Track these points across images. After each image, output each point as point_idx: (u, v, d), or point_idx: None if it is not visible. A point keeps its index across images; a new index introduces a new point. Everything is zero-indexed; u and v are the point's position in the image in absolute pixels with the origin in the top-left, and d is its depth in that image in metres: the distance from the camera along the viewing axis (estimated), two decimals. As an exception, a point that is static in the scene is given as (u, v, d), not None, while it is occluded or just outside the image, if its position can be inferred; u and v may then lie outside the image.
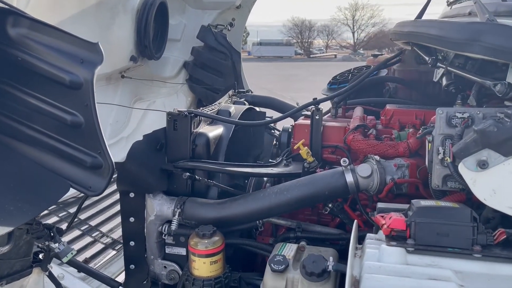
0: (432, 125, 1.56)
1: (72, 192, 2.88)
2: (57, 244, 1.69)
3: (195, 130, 2.22)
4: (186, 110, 2.18)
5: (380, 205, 1.59)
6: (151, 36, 3.33)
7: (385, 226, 1.25)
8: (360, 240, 2.15)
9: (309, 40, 57.15)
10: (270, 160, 2.94)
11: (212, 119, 2.44)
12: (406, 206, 1.59)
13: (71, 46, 1.69)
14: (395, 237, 1.21)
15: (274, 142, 3.21)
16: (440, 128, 1.39)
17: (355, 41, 57.71)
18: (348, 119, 2.54)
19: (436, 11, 2.92)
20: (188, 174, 2.08)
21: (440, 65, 1.76)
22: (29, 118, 1.74)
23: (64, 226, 2.06)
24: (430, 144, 1.47)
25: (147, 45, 3.34)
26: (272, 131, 3.21)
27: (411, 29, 1.99)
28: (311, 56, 51.64)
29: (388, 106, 2.38)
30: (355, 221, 1.40)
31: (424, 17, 2.42)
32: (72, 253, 1.70)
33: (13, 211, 1.54)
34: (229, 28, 4.08)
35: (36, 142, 1.75)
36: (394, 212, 1.31)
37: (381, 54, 3.60)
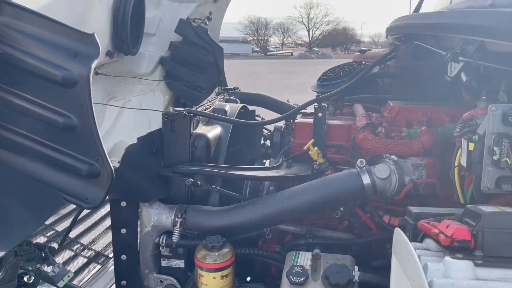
0: (471, 123, 1.46)
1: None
2: (50, 267, 1.46)
3: (194, 131, 2.03)
4: (184, 109, 1.99)
5: (414, 209, 1.48)
6: (128, 29, 3.07)
7: (443, 236, 1.13)
8: (375, 243, 2.07)
9: (265, 38, 57.35)
10: (263, 161, 2.79)
11: (208, 119, 2.26)
12: (442, 209, 1.49)
13: (62, 38, 1.46)
14: (458, 248, 1.10)
15: (263, 141, 3.07)
16: (494, 126, 1.29)
17: (310, 39, 58.48)
18: (349, 117, 2.43)
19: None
20: (191, 180, 1.90)
21: (462, 59, 1.67)
22: (14, 122, 1.50)
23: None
24: (472, 144, 1.37)
25: (124, 39, 3.07)
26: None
27: (435, 20, 1.89)
28: (268, 53, 51.76)
29: (391, 103, 2.29)
30: (397, 229, 1.27)
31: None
32: (69, 276, 1.48)
33: (0, 232, 1.31)
34: (207, 23, 3.87)
35: (22, 149, 1.50)
36: (448, 220, 1.20)
37: (369, 50, 3.53)
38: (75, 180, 1.52)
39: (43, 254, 1.49)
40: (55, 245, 1.66)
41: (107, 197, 1.95)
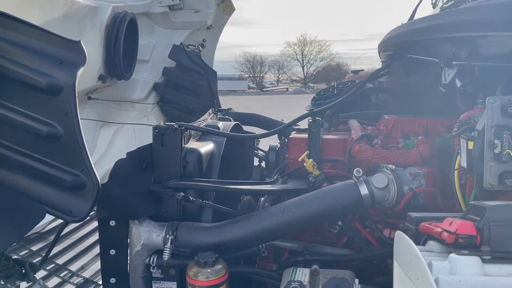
0: (468, 121, 1.42)
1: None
2: (31, 284, 1.36)
3: (185, 146, 1.98)
4: (175, 123, 1.95)
5: (414, 214, 1.41)
6: (121, 53, 3.07)
7: (446, 234, 1.06)
8: (375, 258, 1.98)
9: (261, 75, 58.24)
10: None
11: (201, 135, 2.21)
12: (444, 214, 1.42)
13: (47, 45, 1.44)
14: (463, 245, 1.02)
15: (258, 163, 3.01)
16: (494, 119, 1.24)
17: (305, 74, 59.41)
18: (344, 132, 2.38)
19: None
20: (182, 194, 1.82)
21: (456, 63, 1.64)
22: None
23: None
24: (471, 142, 1.32)
25: (117, 64, 3.08)
26: (256, 151, 3.01)
27: (426, 23, 1.88)
28: (264, 89, 52.43)
29: (386, 116, 2.25)
30: (398, 232, 1.19)
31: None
32: (50, 294, 1.38)
33: None
34: (200, 49, 3.90)
35: (3, 160, 1.45)
36: (451, 218, 1.13)
37: (362, 70, 3.54)
38: (59, 192, 1.46)
39: (23, 271, 1.40)
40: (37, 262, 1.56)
41: (93, 212, 1.88)
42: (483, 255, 0.99)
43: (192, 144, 2.05)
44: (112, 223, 1.92)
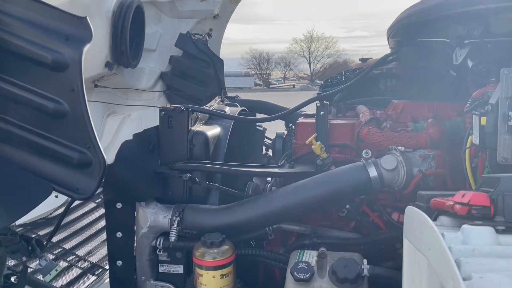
0: (481, 97, 1.39)
1: (41, 212, 2.53)
2: (37, 260, 1.36)
3: (192, 128, 1.96)
4: (182, 105, 1.93)
5: (424, 192, 1.38)
6: (127, 41, 3.06)
7: (459, 206, 1.03)
8: (383, 242, 1.96)
9: (268, 72, 58.05)
10: None
11: (207, 119, 2.19)
12: (452, 192, 1.39)
13: (54, 21, 1.43)
14: (477, 217, 1.00)
15: (265, 151, 2.99)
16: (509, 90, 1.21)
17: (312, 71, 59.12)
18: (352, 118, 2.36)
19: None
20: (189, 175, 1.81)
21: (468, 41, 1.61)
22: (1, 108, 1.44)
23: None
24: (484, 118, 1.29)
25: (124, 51, 3.07)
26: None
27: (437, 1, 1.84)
28: (270, 86, 52.28)
29: (395, 101, 2.22)
30: (408, 206, 1.17)
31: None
32: (56, 270, 1.38)
33: None
34: (207, 39, 3.88)
35: (10, 137, 1.44)
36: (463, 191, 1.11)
37: (370, 58, 3.50)
38: (65, 169, 1.45)
39: (29, 248, 1.40)
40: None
41: (100, 199, 1.87)
42: (497, 226, 0.96)
43: (198, 127, 2.03)
44: (119, 205, 1.91)
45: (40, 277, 1.56)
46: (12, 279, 1.50)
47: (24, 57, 1.40)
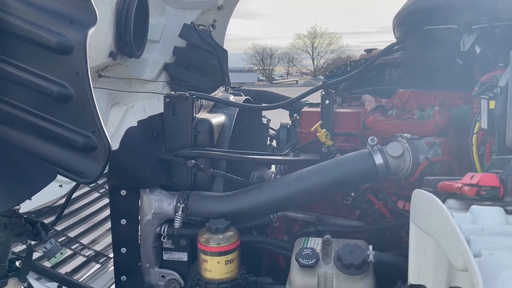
0: (490, 81, 1.37)
1: (46, 201, 2.53)
2: (42, 246, 1.35)
3: (196, 116, 1.95)
4: (186, 92, 1.92)
5: (430, 178, 1.37)
6: (131, 30, 3.05)
7: (467, 188, 1.02)
8: (388, 230, 1.95)
9: (271, 67, 57.85)
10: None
11: (212, 108, 2.18)
12: (459, 177, 1.38)
13: (58, 3, 1.42)
14: (486, 197, 0.99)
15: (269, 142, 2.99)
16: (518, 71, 1.20)
17: (315, 67, 58.88)
18: (358, 107, 2.34)
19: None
20: (193, 161, 1.80)
21: (476, 26, 1.59)
22: (6, 91, 1.43)
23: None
24: (493, 102, 1.27)
25: (128, 41, 3.06)
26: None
27: None
28: (273, 82, 52.16)
29: (401, 90, 2.21)
30: (416, 190, 1.16)
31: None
32: (62, 253, 1.37)
33: None
34: (211, 30, 3.87)
35: (14, 121, 1.43)
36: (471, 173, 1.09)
37: (375, 49, 3.47)
38: (70, 153, 1.44)
39: (34, 231, 1.39)
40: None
41: (104, 189, 1.86)
42: (507, 206, 0.95)
43: (203, 115, 2.02)
44: (123, 192, 1.91)
45: (45, 261, 1.56)
46: (17, 263, 1.49)
47: (29, 40, 1.39)
